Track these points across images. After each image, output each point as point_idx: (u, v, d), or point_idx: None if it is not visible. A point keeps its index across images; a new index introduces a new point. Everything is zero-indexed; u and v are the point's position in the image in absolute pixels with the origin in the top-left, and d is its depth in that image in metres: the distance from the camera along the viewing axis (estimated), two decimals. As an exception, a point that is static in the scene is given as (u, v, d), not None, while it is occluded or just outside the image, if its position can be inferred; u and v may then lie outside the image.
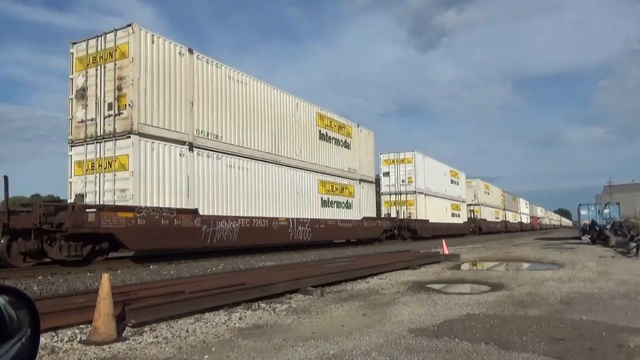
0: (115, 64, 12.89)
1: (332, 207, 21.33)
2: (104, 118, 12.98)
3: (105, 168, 12.78)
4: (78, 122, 13.48)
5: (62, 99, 15.56)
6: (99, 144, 12.95)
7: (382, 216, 28.04)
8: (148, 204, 12.62)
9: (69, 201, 12.76)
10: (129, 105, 12.56)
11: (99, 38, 13.31)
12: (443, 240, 16.66)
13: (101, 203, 12.44)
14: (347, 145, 23.15)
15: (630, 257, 14.81)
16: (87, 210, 11.28)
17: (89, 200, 12.78)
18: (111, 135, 12.72)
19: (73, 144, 13.53)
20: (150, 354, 4.11)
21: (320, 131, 21.14)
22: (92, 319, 4.50)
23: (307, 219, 19.28)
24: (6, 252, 10.45)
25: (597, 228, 24.54)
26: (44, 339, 4.41)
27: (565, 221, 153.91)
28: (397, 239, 27.56)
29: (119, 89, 12.81)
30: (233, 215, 15.40)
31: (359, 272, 9.41)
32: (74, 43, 13.91)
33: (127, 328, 4.90)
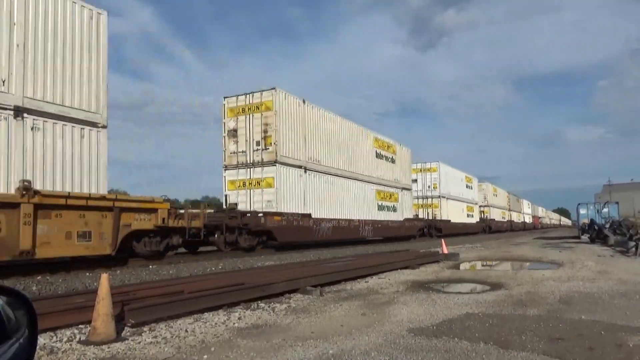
0: (262, 114, 18.23)
1: (384, 210, 26.68)
2: (253, 151, 18.36)
3: (254, 185, 18.19)
4: (231, 153, 18.91)
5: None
6: (249, 169, 18.39)
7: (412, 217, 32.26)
8: (284, 211, 17.76)
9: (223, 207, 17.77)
10: (274, 143, 17.92)
11: (247, 95, 18.77)
12: (442, 240, 16.68)
13: (252, 209, 17.43)
14: (393, 161, 28.65)
15: (629, 256, 14.82)
16: (259, 215, 16.61)
17: (239, 207, 17.59)
18: (260, 163, 18.11)
19: (227, 168, 19.00)
20: (150, 354, 4.11)
21: (376, 151, 26.49)
22: (91, 319, 4.50)
23: (370, 220, 24.45)
24: (222, 242, 15.44)
25: (596, 227, 24.54)
26: (42, 339, 4.41)
27: (565, 220, 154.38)
28: (426, 237, 32.34)
29: (265, 131, 18.14)
30: (328, 217, 20.63)
31: (358, 271, 9.41)
32: (226, 97, 19.34)
33: (126, 328, 4.90)
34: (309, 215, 19.21)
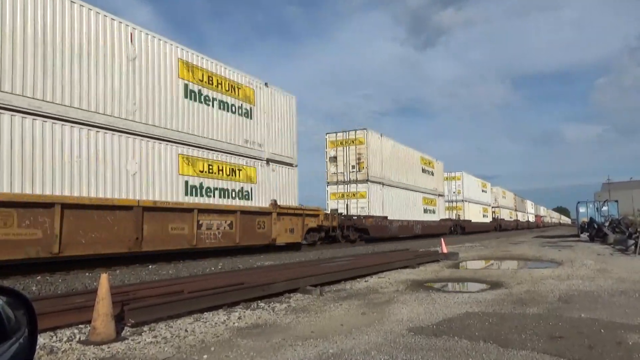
0: (356, 147, 25.33)
1: (427, 213, 33.49)
2: (349, 172, 25.48)
3: (351, 197, 25.34)
4: (332, 173, 26.18)
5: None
6: (346, 185, 25.54)
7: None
8: (373, 214, 24.86)
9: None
10: (366, 167, 25.07)
11: (345, 132, 25.83)
12: (442, 239, 16.69)
13: (349, 214, 24.40)
14: (432, 174, 35.40)
15: (628, 254, 14.84)
16: (362, 217, 23.95)
17: (334, 207, 24.98)
18: (355, 181, 25.32)
19: (328, 184, 26.29)
20: (149, 353, 4.11)
21: (421, 167, 33.21)
22: (91, 318, 4.50)
23: (419, 220, 31.49)
24: (340, 235, 22.14)
25: (596, 225, 24.57)
26: (42, 339, 4.41)
27: (564, 219, 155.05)
28: (454, 234, 38.31)
29: (359, 159, 25.27)
30: (396, 219, 27.50)
31: (358, 271, 9.41)
32: (327, 133, 26.63)
33: (126, 328, 4.90)
34: (386, 217, 26.34)
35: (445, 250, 14.28)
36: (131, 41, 12.05)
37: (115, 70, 11.53)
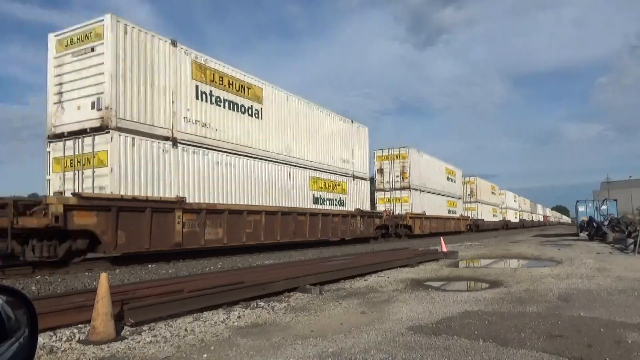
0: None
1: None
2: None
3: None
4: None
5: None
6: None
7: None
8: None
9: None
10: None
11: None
12: (441, 238, 16.69)
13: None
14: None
15: (627, 253, 14.86)
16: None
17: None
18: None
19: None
20: (149, 353, 4.11)
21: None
22: (91, 318, 4.50)
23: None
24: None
25: (595, 224, 24.58)
26: (42, 339, 4.40)
27: (564, 218, 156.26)
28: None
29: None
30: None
31: (358, 270, 9.42)
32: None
33: (125, 327, 4.90)
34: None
35: (444, 249, 14.29)
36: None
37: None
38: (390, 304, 6.29)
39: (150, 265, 11.82)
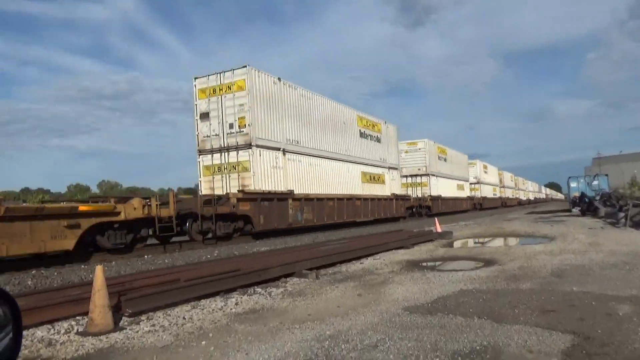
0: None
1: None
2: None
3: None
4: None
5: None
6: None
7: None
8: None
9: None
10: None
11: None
12: (436, 219, 16.80)
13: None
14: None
15: (619, 227, 15.05)
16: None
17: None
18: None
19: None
20: (148, 342, 4.14)
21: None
22: (88, 310, 4.51)
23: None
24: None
25: (587, 200, 24.81)
26: (40, 332, 4.42)
27: (559, 195, 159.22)
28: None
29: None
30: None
31: (353, 253, 9.48)
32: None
33: (123, 318, 4.92)
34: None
35: (439, 230, 14.39)
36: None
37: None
38: (386, 286, 6.35)
39: (146, 256, 11.84)
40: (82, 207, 11.03)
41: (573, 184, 31.71)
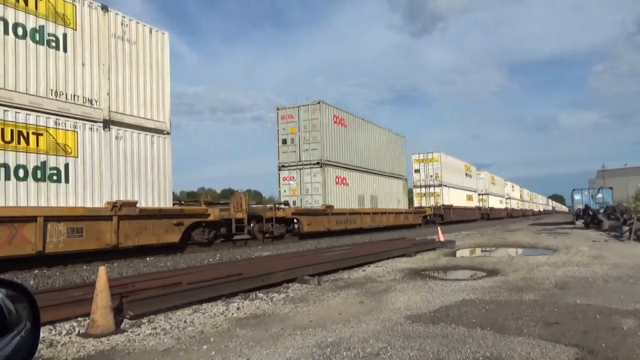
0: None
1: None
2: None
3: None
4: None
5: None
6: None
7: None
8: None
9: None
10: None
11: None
12: (438, 228, 16.76)
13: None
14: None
15: (623, 240, 14.97)
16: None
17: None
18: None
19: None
20: (149, 345, 4.13)
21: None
22: (90, 311, 4.51)
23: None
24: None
25: (591, 212, 24.70)
26: (41, 333, 4.42)
27: (562, 207, 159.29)
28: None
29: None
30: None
31: (356, 260, 9.46)
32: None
33: (125, 320, 4.92)
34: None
35: (441, 239, 14.34)
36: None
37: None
38: (388, 294, 6.32)
39: (148, 259, 11.85)
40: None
41: (577, 197, 31.59)
